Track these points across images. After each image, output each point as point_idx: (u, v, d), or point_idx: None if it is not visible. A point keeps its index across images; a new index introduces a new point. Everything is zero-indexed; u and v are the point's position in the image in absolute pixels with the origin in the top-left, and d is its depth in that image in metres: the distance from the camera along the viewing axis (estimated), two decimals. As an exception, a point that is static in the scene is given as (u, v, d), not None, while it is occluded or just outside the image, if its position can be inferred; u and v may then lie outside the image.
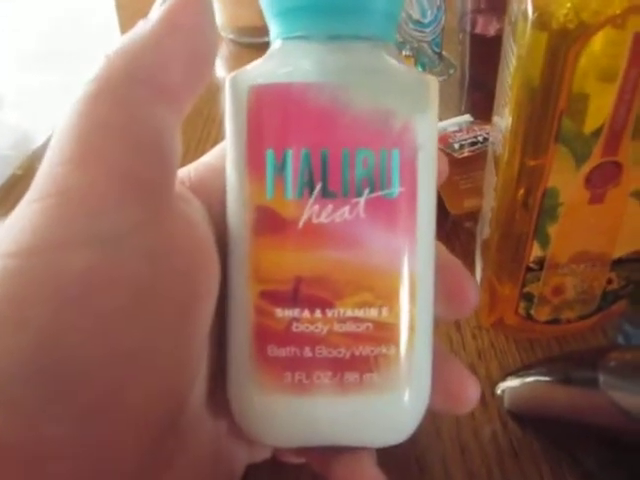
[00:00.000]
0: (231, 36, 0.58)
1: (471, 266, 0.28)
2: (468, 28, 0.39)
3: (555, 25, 0.18)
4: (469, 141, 0.33)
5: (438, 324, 0.27)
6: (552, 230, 0.22)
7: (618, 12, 0.18)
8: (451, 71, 0.45)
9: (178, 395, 0.15)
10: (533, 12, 0.19)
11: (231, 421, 0.16)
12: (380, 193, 0.15)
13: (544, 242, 0.23)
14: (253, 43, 0.56)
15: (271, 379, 0.15)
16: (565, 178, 0.21)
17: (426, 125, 0.15)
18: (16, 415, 0.12)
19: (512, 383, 0.23)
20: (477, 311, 0.27)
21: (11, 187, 0.39)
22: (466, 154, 0.32)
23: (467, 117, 0.36)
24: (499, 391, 0.23)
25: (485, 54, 0.37)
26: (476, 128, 0.34)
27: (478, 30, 0.38)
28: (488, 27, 0.38)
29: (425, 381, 0.16)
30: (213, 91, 0.48)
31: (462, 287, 0.17)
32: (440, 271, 0.16)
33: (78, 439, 0.12)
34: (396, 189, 0.15)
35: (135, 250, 0.13)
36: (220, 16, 0.57)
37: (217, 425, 0.17)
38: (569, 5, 0.18)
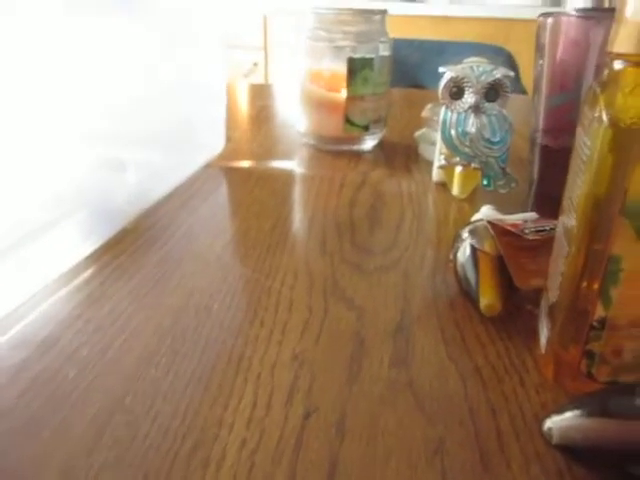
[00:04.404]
0: (312, 141, 0.68)
1: (532, 339, 0.32)
2: (539, 141, 0.46)
3: (623, 125, 0.23)
4: (537, 229, 0.36)
5: (503, 379, 0.29)
6: (614, 293, 0.25)
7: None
8: (512, 185, 0.52)
9: None
10: (606, 116, 0.23)
11: None
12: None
13: (607, 303, 0.25)
14: (330, 150, 0.66)
15: None
16: (627, 247, 0.24)
17: None
18: None
19: (558, 418, 0.25)
20: (541, 371, 0.30)
21: (119, 240, 0.43)
22: (536, 237, 0.35)
23: (533, 214, 0.40)
24: (546, 427, 0.25)
25: (552, 164, 0.45)
26: (542, 221, 0.38)
27: (547, 143, 0.46)
28: (556, 141, 0.45)
29: None
30: (289, 183, 0.56)
31: None
32: None
33: None
34: None
35: None
36: (305, 123, 0.67)
37: None
38: (633, 112, 0.23)
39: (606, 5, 0.40)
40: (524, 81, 1.14)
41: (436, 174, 0.56)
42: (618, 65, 0.25)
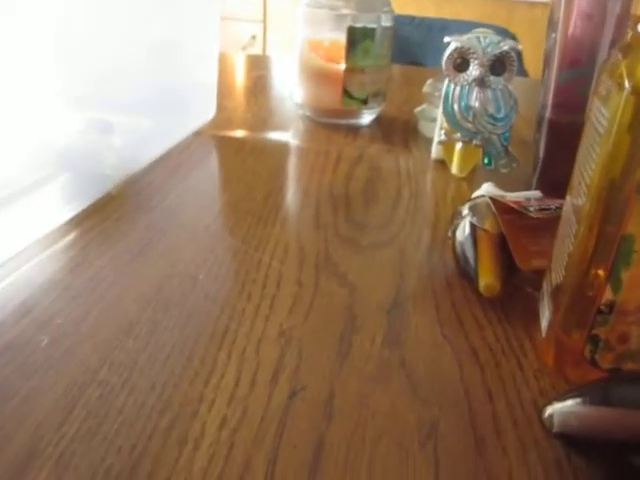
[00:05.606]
0: (308, 113, 0.65)
1: (532, 322, 0.30)
2: (547, 116, 0.45)
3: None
4: (541, 207, 0.34)
5: (500, 363, 0.28)
6: (625, 275, 0.24)
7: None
8: (514, 165, 0.50)
9: None
10: (628, 82, 0.22)
11: None
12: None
13: (616, 286, 0.24)
14: (326, 123, 0.64)
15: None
16: (642, 227, 0.22)
17: None
18: None
19: (559, 405, 0.24)
20: (540, 355, 0.28)
21: (103, 205, 0.41)
22: (540, 215, 0.34)
23: (537, 193, 0.38)
24: (546, 414, 0.24)
25: (559, 140, 0.44)
26: (546, 200, 0.36)
27: (556, 118, 0.44)
28: (565, 117, 0.44)
29: None
30: (284, 155, 0.54)
31: None
32: None
33: None
34: None
35: None
36: (302, 95, 0.65)
37: None
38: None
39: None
40: (525, 65, 1.12)
41: (435, 151, 0.54)
42: (643, 29, 0.23)
